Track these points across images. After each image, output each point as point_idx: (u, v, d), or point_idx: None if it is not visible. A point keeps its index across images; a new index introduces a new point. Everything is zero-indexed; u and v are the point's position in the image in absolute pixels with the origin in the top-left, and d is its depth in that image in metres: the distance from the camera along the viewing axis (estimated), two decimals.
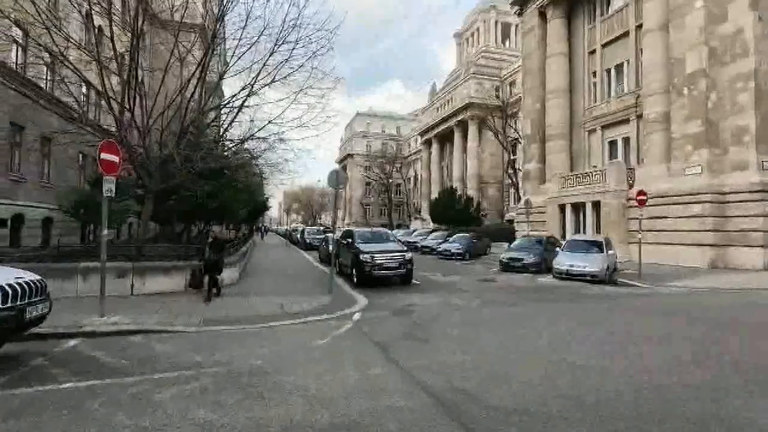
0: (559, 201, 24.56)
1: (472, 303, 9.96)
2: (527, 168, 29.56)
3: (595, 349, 5.91)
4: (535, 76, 28.75)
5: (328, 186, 11.29)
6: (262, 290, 10.99)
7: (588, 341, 6.34)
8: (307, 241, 30.68)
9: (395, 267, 12.87)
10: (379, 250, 13.14)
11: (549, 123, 27.39)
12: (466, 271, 17.58)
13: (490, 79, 54.72)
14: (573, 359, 5.33)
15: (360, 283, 12.79)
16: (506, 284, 13.65)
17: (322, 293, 10.92)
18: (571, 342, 6.27)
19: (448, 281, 14.34)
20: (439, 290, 12.16)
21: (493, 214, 51.86)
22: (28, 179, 19.34)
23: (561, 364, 5.11)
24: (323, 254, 21.51)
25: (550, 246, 18.49)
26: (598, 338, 6.54)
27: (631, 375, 4.74)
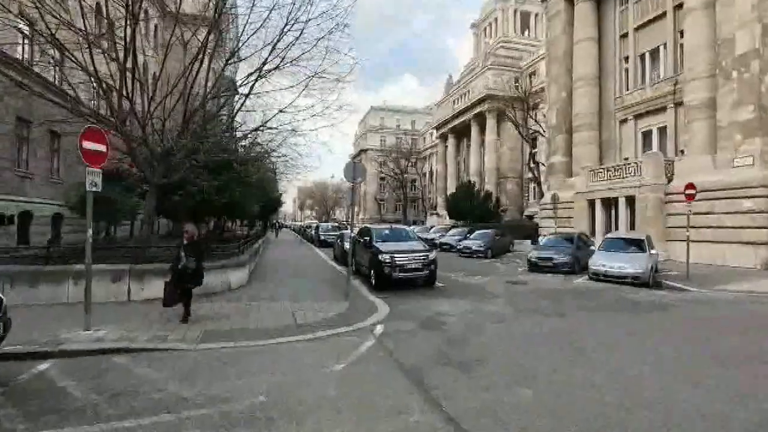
0: (587, 196, 23.04)
1: (507, 311, 8.77)
2: (552, 161, 28.01)
3: (695, 383, 4.69)
4: (561, 63, 27.14)
5: (345, 179, 10.19)
6: (272, 294, 9.98)
7: (676, 371, 5.11)
8: (321, 238, 29.74)
9: (418, 268, 11.73)
10: (400, 249, 12.02)
11: (576, 113, 25.80)
12: (491, 271, 16.35)
13: (509, 70, 52.88)
14: (684, 401, 4.09)
15: (379, 285, 11.72)
16: (538, 287, 12.40)
17: (338, 298, 9.86)
18: (658, 372, 5.02)
19: (474, 283, 13.15)
20: (466, 294, 10.99)
21: (512, 210, 50.24)
22: (36, 175, 18.76)
23: (674, 410, 3.89)
24: (338, 252, 20.50)
25: (581, 244, 17.13)
26: (685, 365, 5.30)
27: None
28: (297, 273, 14.54)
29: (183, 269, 7.03)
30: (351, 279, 10.65)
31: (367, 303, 9.45)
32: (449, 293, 11.22)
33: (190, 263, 7.06)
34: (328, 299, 9.65)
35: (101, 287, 8.04)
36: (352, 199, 10.26)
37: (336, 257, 20.91)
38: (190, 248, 7.21)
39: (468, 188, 43.42)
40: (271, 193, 32.55)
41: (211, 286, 9.47)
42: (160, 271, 8.70)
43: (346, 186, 56.34)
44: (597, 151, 25.32)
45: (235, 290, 10.14)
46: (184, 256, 7.07)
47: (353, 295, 10.24)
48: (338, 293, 10.52)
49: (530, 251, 17.05)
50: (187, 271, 7.05)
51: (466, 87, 58.83)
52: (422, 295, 10.99)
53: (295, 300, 9.35)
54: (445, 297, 10.62)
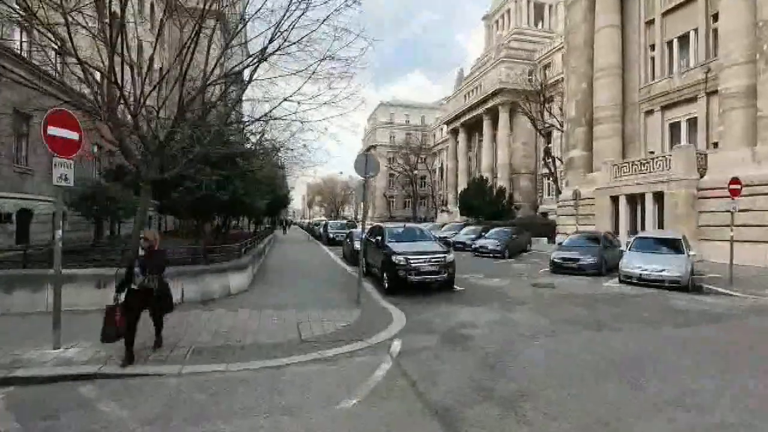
0: (610, 192, 21.77)
1: (541, 322, 7.70)
2: (571, 155, 26.71)
3: None
4: (581, 52, 25.79)
5: (356, 173, 9.19)
6: (276, 300, 9.03)
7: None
8: (329, 236, 28.81)
9: (435, 271, 10.70)
10: (415, 251, 11.00)
11: (597, 104, 24.47)
12: (511, 273, 15.26)
13: (523, 63, 51.37)
14: None
15: (392, 289, 10.74)
16: (567, 291, 11.30)
17: (347, 305, 8.89)
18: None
19: (495, 286, 12.08)
20: (489, 300, 9.95)
21: (525, 207, 48.89)
22: (36, 171, 18.08)
23: None
24: (347, 251, 19.55)
25: (608, 244, 15.96)
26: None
27: None
28: (304, 274, 13.60)
29: (142, 288, 5.30)
30: (362, 282, 9.65)
31: (380, 311, 8.46)
32: (470, 298, 10.19)
33: (150, 282, 5.31)
34: (337, 306, 8.67)
35: (84, 294, 7.16)
36: (364, 195, 9.26)
37: (345, 256, 19.98)
38: (151, 261, 5.36)
39: (480, 184, 42.19)
40: (279, 190, 31.68)
41: (209, 291, 8.55)
42: None
43: (356, 182, 55.43)
44: (620, 144, 24.00)
45: (236, 296, 9.20)
46: (139, 272, 5.27)
47: (364, 301, 9.27)
48: (348, 298, 9.56)
49: (553, 251, 15.91)
50: (149, 291, 5.34)
51: (478, 81, 57.41)
52: (440, 300, 9.99)
53: (300, 307, 8.39)
54: (465, 303, 9.59)
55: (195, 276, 8.25)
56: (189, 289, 8.17)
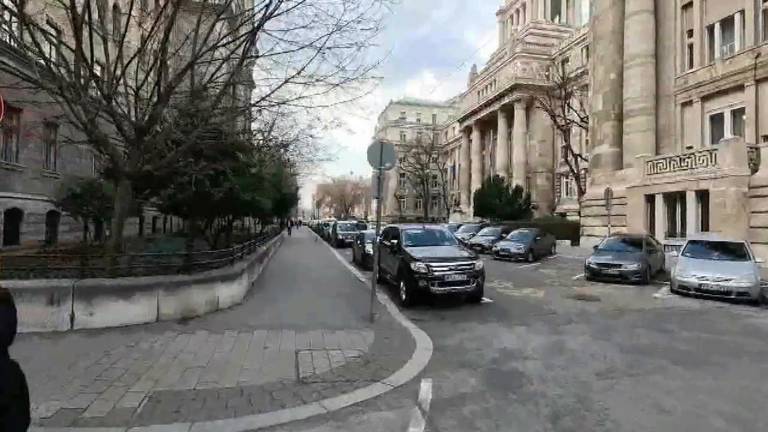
0: (645, 190, 19.93)
1: (609, 351, 6.01)
2: (598, 152, 24.85)
3: None
4: (610, 40, 23.94)
5: (369, 164, 7.63)
6: (273, 317, 7.51)
7: None
8: (338, 237, 27.29)
9: (462, 281, 9.09)
10: (438, 257, 9.41)
11: (628, 96, 22.61)
12: (542, 280, 13.57)
13: (539, 58, 49.43)
14: None
15: (410, 301, 9.18)
16: (616, 305, 9.61)
17: (359, 323, 7.34)
18: None
19: (529, 298, 10.44)
20: (528, 316, 8.32)
21: (542, 207, 46.92)
22: (27, 168, 16.87)
23: None
24: (357, 254, 18.03)
25: (650, 248, 14.18)
26: None
27: None
28: (309, 282, 12.08)
29: None
30: (376, 294, 8.07)
31: (398, 331, 6.88)
32: (504, 314, 8.56)
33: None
34: (347, 325, 7.11)
35: (29, 312, 5.70)
36: (379, 190, 7.68)
37: (355, 260, 18.46)
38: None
39: (496, 183, 40.36)
40: (287, 188, 30.28)
41: (191, 306, 7.05)
42: (116, 290, 6.31)
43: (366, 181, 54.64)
44: (653, 139, 22.12)
45: (226, 311, 7.69)
46: None
47: (379, 317, 7.71)
48: (359, 314, 8.00)
49: (588, 256, 14.17)
50: None
51: (493, 77, 55.55)
52: (469, 315, 8.39)
53: (302, 327, 6.84)
54: (501, 320, 7.97)
55: (173, 288, 6.75)
56: (166, 305, 6.67)
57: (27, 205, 16.93)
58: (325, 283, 12.03)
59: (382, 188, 7.67)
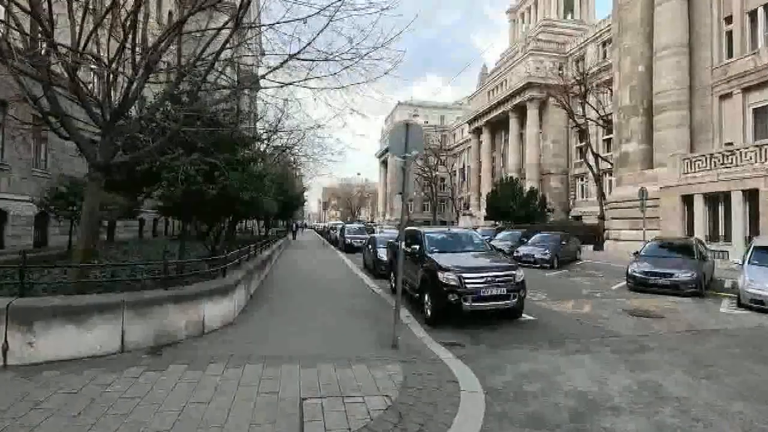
0: (681, 191, 18.25)
1: (737, 403, 4.39)
2: (625, 149, 23.17)
3: None
4: (637, 31, 22.32)
5: (392, 151, 6.13)
6: (273, 342, 6.00)
7: None
8: (347, 241, 25.77)
9: (501, 296, 7.52)
10: (471, 266, 7.88)
11: (659, 89, 20.95)
12: (578, 290, 11.98)
13: (552, 56, 47.87)
14: None
15: (436, 318, 7.67)
16: (685, 324, 8.01)
17: (380, 350, 5.81)
18: None
19: (576, 314, 8.86)
20: (585, 340, 6.74)
21: (557, 210, 45.14)
22: (13, 166, 15.55)
23: None
24: (368, 260, 16.52)
25: (703, 254, 12.52)
26: None
27: None
28: (317, 293, 10.56)
29: None
30: (399, 313, 6.50)
31: (432, 364, 5.33)
32: (554, 336, 7.00)
33: None
34: (365, 356, 5.57)
35: None
36: (404, 185, 6.15)
37: (366, 266, 16.95)
38: None
39: (510, 185, 38.70)
40: (292, 190, 28.86)
41: (168, 330, 5.54)
42: (66, 312, 4.83)
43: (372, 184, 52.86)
44: (687, 135, 20.43)
45: (213, 334, 6.17)
46: None
47: (402, 340, 6.17)
48: (378, 336, 6.48)
49: (631, 263, 12.52)
50: None
51: (503, 76, 53.95)
52: (512, 338, 6.87)
53: (309, 357, 5.32)
54: (554, 346, 6.41)
55: (143, 307, 5.24)
56: (133, 330, 5.17)
57: (12, 207, 15.58)
58: (335, 294, 10.50)
59: (407, 182, 6.14)
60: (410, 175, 6.15)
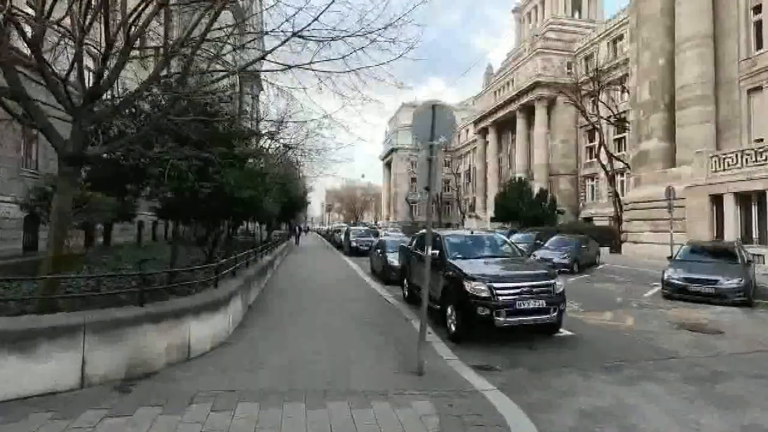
0: (709, 190, 17.14)
1: None
2: (644, 148, 22.05)
3: None
4: (657, 23, 21.25)
5: (415, 137, 5.09)
6: (273, 369, 4.97)
7: None
8: (352, 244, 24.71)
9: (539, 309, 6.45)
10: (502, 274, 6.83)
11: (682, 83, 19.85)
12: (610, 299, 10.90)
13: (561, 54, 46.81)
14: None
15: (462, 334, 6.62)
16: (750, 338, 6.93)
17: (402, 378, 4.77)
18: None
19: (616, 327, 7.80)
20: (643, 364, 5.68)
21: (567, 212, 43.93)
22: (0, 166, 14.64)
23: None
24: (376, 265, 15.47)
25: (747, 259, 11.41)
26: None
27: None
28: (323, 303, 9.52)
29: None
30: (425, 332, 5.43)
31: (470, 398, 4.27)
32: (603, 357, 5.94)
33: None
34: (385, 384, 4.53)
35: None
36: (429, 179, 5.10)
37: (374, 271, 15.90)
38: None
39: (519, 186, 37.62)
40: (295, 191, 27.86)
41: (145, 357, 4.50)
42: (15, 336, 3.79)
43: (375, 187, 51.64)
44: (713, 131, 19.30)
45: (201, 359, 5.12)
46: None
47: (428, 364, 5.13)
48: (398, 357, 5.45)
49: (666, 269, 11.41)
50: None
51: (510, 76, 52.92)
52: (554, 359, 5.85)
53: (317, 392, 4.27)
54: (609, 372, 5.36)
55: (110, 330, 4.20)
56: (98, 359, 4.13)
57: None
58: (344, 304, 9.44)
59: (434, 175, 5.10)
60: (438, 166, 5.10)
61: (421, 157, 5.18)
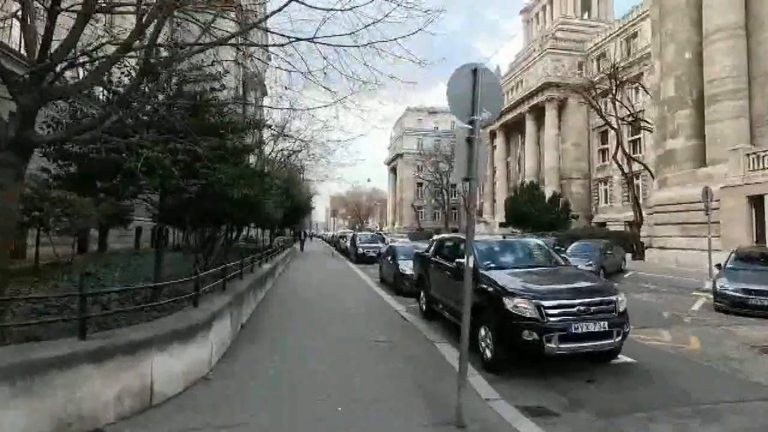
0: (747, 190, 15.76)
1: None
2: (670, 147, 20.66)
3: None
4: (682, 14, 19.97)
5: (453, 113, 3.84)
6: (265, 419, 3.71)
7: None
8: (358, 251, 23.43)
9: (600, 333, 5.13)
10: (551, 288, 5.56)
11: (711, 77, 18.51)
12: (653, 312, 9.57)
13: (571, 54, 45.61)
14: None
15: (498, 363, 5.36)
16: None
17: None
18: None
19: (682, 351, 6.47)
20: (754, 408, 4.36)
21: (579, 216, 42.47)
22: None
23: None
24: (386, 275, 14.20)
25: None
26: None
27: None
28: (327, 319, 8.22)
29: None
30: (465, 373, 4.13)
31: None
32: (687, 395, 4.65)
33: None
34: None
35: None
36: (469, 166, 3.84)
37: (383, 280, 14.66)
38: None
39: (531, 190, 36.27)
40: (299, 195, 26.71)
41: (84, 411, 3.23)
42: None
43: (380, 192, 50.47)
44: (747, 127, 17.92)
45: (166, 407, 3.85)
46: None
47: (464, 401, 3.84)
48: (423, 394, 4.21)
49: (718, 278, 10.03)
50: None
51: (519, 77, 51.75)
52: (626, 400, 4.55)
53: None
54: (707, 418, 4.08)
55: (34, 376, 2.96)
56: (13, 418, 2.87)
57: None
58: (352, 320, 8.15)
59: (476, 161, 3.83)
60: (480, 149, 3.84)
61: (458, 136, 3.92)
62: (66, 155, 7.05)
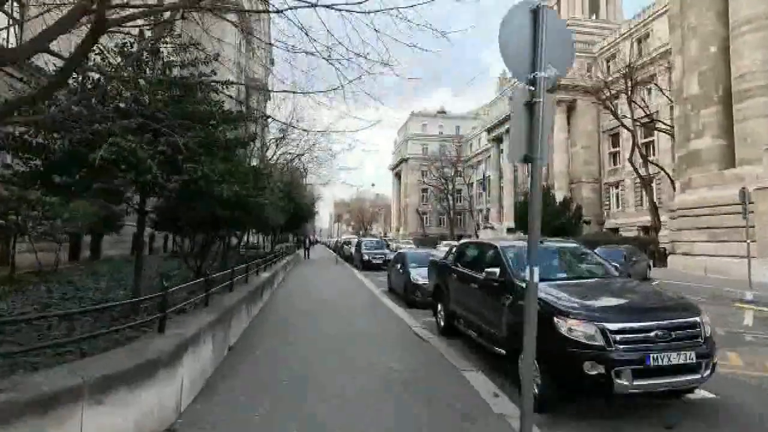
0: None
1: None
2: (694, 147, 19.48)
3: None
4: (706, 6, 18.89)
5: (509, 68, 2.74)
6: None
7: None
8: (364, 258, 22.30)
9: (685, 367, 3.95)
10: (616, 305, 4.40)
11: (740, 72, 17.38)
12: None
13: (580, 56, 44.34)
14: None
15: (549, 400, 4.22)
16: None
17: None
18: None
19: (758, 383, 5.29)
20: None
21: (591, 221, 41.16)
22: None
23: None
24: (396, 284, 13.05)
25: None
26: None
27: None
28: (331, 341, 7.04)
29: None
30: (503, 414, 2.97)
31: None
32: None
33: None
34: None
35: None
36: (530, 138, 2.73)
37: (392, 289, 13.52)
38: None
39: (543, 194, 35.03)
40: (302, 198, 25.69)
41: None
42: None
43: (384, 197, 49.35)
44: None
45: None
46: None
47: None
48: None
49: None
50: None
51: None
52: None
53: None
54: None
55: None
56: None
57: None
58: (362, 342, 6.95)
59: (539, 132, 2.72)
60: (546, 116, 2.72)
61: (515, 100, 2.81)
62: (26, 147, 5.98)
